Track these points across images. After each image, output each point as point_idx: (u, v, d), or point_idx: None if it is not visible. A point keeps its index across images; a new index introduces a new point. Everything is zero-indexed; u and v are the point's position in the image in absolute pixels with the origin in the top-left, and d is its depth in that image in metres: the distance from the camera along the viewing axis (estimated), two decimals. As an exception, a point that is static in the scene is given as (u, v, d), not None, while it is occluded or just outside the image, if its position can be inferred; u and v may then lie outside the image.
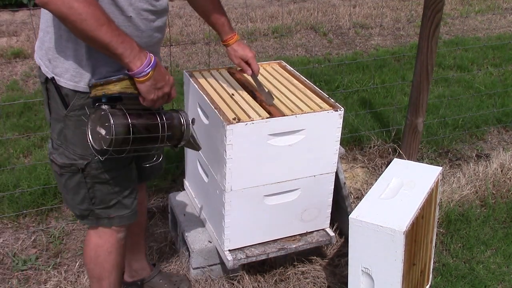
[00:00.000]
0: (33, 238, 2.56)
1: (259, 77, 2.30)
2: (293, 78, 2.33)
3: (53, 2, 1.35)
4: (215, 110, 1.98)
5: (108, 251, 1.85)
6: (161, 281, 2.24)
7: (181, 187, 2.72)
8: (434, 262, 2.43)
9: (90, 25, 1.39)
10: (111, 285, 1.92)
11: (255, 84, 2.14)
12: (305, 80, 2.30)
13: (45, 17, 1.57)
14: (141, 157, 1.78)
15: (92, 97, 1.54)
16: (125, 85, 1.52)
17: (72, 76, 1.57)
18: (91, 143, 1.56)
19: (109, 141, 1.48)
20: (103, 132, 1.50)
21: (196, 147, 1.75)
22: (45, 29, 1.58)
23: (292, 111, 2.02)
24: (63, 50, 1.55)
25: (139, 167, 1.87)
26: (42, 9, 1.51)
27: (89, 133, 1.55)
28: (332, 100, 2.13)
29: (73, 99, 1.59)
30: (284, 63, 2.48)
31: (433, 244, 2.21)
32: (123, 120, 1.50)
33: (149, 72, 1.49)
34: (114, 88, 1.51)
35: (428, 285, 2.25)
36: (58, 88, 1.58)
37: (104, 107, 1.50)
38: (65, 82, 1.58)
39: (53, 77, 1.58)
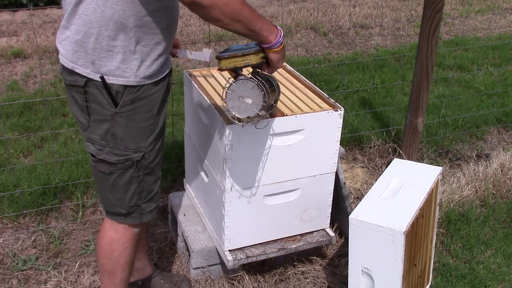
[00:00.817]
0: (33, 238, 2.56)
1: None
2: (293, 78, 2.33)
3: None
4: (215, 110, 1.98)
5: (124, 246, 1.87)
6: (161, 281, 2.25)
7: (181, 187, 2.72)
8: (434, 262, 2.43)
9: (235, 5, 1.51)
10: (123, 282, 1.93)
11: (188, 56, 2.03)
12: (305, 80, 2.30)
13: (84, 19, 1.56)
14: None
15: (227, 69, 1.69)
16: (260, 57, 1.67)
17: (123, 72, 1.61)
18: (231, 112, 1.72)
19: (260, 107, 1.67)
20: (249, 100, 1.67)
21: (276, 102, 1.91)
22: (87, 31, 1.57)
23: (292, 111, 2.02)
24: (111, 49, 1.58)
25: None
26: (76, 12, 1.54)
27: (228, 103, 1.70)
28: (332, 100, 2.13)
29: (123, 95, 1.64)
30: (284, 63, 2.48)
31: (433, 244, 2.21)
32: (263, 87, 1.67)
33: (282, 42, 1.65)
34: (254, 59, 1.67)
35: (428, 285, 2.25)
36: (107, 86, 1.62)
37: (243, 77, 1.67)
38: (115, 79, 1.61)
39: (101, 76, 1.60)
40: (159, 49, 1.65)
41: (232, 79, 1.72)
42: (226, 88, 1.70)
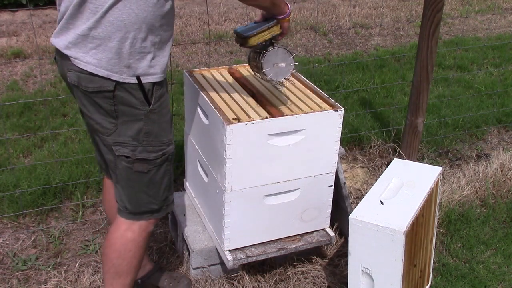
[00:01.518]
0: (33, 238, 2.56)
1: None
2: (293, 78, 2.33)
3: None
4: (215, 110, 1.98)
5: (139, 246, 1.87)
6: (161, 276, 2.25)
7: (181, 187, 2.72)
8: (434, 262, 2.43)
9: None
10: (132, 281, 1.93)
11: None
12: (305, 80, 2.30)
13: (118, 25, 1.57)
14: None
15: (258, 44, 1.89)
16: (278, 27, 1.91)
17: (154, 70, 1.68)
18: (270, 78, 1.97)
19: (293, 67, 1.98)
20: (282, 64, 1.96)
21: None
22: (123, 37, 1.59)
23: (292, 111, 2.02)
24: (142, 50, 1.64)
25: None
26: (106, 19, 1.55)
27: (267, 72, 1.95)
28: (332, 100, 2.13)
29: (153, 92, 1.70)
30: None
31: (433, 244, 2.21)
32: (291, 51, 1.96)
33: (290, 12, 1.89)
34: (276, 29, 1.90)
35: (428, 285, 2.25)
36: (142, 87, 1.67)
37: (271, 47, 1.92)
38: (149, 77, 1.68)
39: (138, 77, 1.65)
40: (170, 44, 1.74)
41: (264, 51, 1.93)
42: (262, 60, 1.92)
